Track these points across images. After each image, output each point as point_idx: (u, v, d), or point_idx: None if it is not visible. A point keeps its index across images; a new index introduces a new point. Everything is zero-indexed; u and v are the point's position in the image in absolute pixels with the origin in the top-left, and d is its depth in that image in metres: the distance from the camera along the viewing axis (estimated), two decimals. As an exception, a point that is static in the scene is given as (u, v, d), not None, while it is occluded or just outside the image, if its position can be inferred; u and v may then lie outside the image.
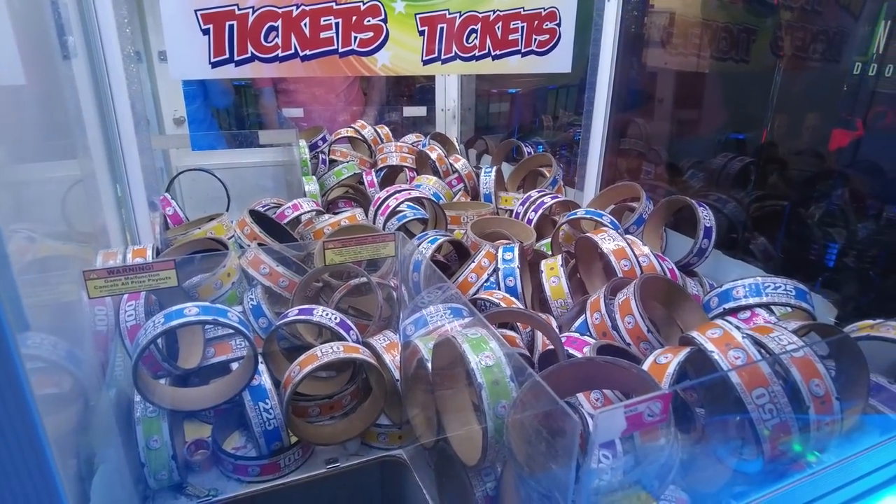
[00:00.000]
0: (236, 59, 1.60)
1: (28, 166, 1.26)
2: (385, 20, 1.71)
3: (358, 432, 1.38)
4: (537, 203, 2.08)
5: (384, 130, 2.82)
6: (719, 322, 1.02)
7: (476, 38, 1.84)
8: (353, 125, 2.77)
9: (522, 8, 1.87)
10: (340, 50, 1.69)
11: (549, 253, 1.95)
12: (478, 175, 2.43)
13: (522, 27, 1.89)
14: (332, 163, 2.63)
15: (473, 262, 1.70)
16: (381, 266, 1.70)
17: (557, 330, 1.58)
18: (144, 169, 1.64)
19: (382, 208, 1.92)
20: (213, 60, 1.59)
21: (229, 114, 3.84)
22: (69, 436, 1.06)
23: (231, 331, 1.24)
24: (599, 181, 2.18)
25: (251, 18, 1.58)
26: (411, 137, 2.89)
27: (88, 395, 1.05)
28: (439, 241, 1.77)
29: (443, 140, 2.89)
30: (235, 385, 1.28)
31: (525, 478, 0.88)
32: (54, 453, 0.63)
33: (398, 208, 1.98)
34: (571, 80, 3.87)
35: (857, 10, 2.59)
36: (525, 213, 2.10)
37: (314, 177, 2.38)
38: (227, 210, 2.24)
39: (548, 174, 2.39)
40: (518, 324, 1.53)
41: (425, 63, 1.80)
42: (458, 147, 2.89)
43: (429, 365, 1.14)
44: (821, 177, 2.60)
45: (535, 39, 1.93)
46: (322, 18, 1.65)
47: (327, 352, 1.28)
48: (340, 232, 1.82)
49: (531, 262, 1.81)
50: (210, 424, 1.43)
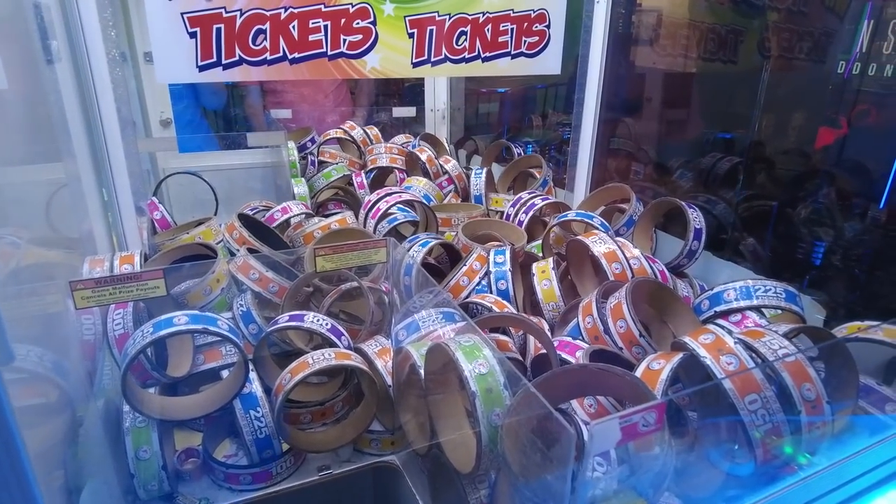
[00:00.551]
0: (224, 62, 1.59)
1: (10, 170, 1.24)
2: (374, 23, 1.69)
3: (350, 439, 1.37)
4: (528, 205, 2.08)
5: (373, 131, 2.80)
6: (711, 327, 1.02)
7: (466, 40, 1.83)
8: (342, 126, 2.75)
9: (512, 10, 1.86)
10: (329, 53, 1.68)
11: (541, 255, 1.94)
12: (468, 176, 2.42)
13: (512, 29, 1.88)
14: (322, 164, 2.61)
15: (465, 265, 1.69)
16: (371, 270, 1.69)
17: (549, 333, 1.58)
18: (131, 173, 1.62)
19: (373, 211, 1.91)
20: (200, 64, 1.57)
21: (217, 115, 3.80)
22: (55, 447, 1.04)
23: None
24: (589, 182, 2.18)
25: (239, 21, 1.57)
26: (401, 138, 2.87)
27: (76, 406, 1.04)
28: (430, 245, 1.76)
29: (433, 141, 2.88)
30: (226, 393, 1.27)
31: (520, 486, 0.87)
32: (36, 466, 0.62)
33: (389, 211, 1.97)
34: (560, 80, 3.86)
35: (841, 10, 2.61)
36: (516, 214, 2.09)
37: (303, 179, 2.36)
38: (216, 213, 2.21)
39: (538, 175, 2.38)
40: (510, 328, 1.53)
41: (415, 65, 1.79)
42: (447, 148, 2.88)
43: (421, 371, 1.14)
44: (807, 176, 2.62)
45: (525, 41, 1.92)
46: (311, 21, 1.63)
47: (319, 359, 1.26)
48: (330, 236, 1.81)
49: (522, 265, 1.81)
50: (200, 432, 1.41)
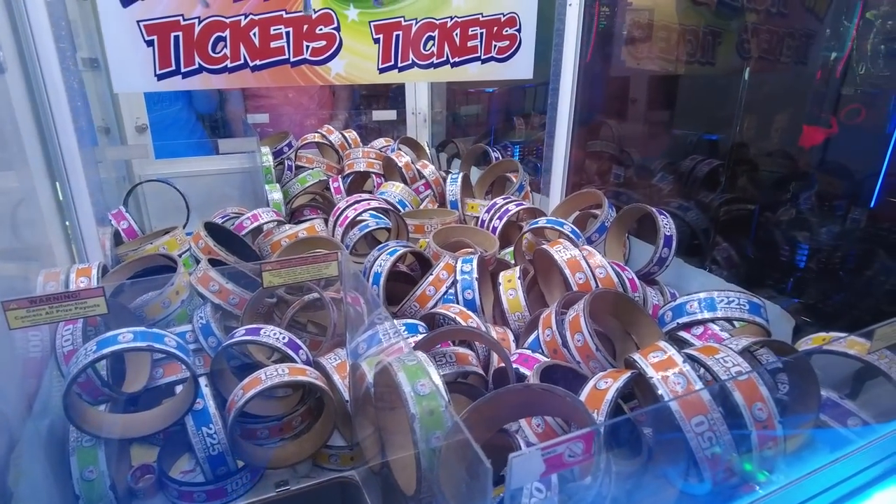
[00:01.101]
0: (183, 70, 1.56)
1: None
2: (338, 28, 1.67)
3: (308, 455, 1.34)
4: (502, 210, 2.05)
5: (352, 135, 2.77)
6: (662, 344, 1.00)
7: (434, 45, 1.80)
8: (319, 130, 2.72)
9: (481, 14, 1.83)
10: (292, 59, 1.65)
11: (514, 262, 1.92)
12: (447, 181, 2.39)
13: (482, 33, 1.85)
14: (299, 169, 2.58)
15: (432, 274, 1.67)
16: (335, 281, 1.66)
17: (515, 343, 1.55)
18: (91, 183, 1.59)
19: (341, 219, 1.88)
20: (158, 73, 1.54)
21: (203, 120, 3.77)
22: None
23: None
24: (565, 186, 2.16)
25: (197, 29, 1.54)
26: (381, 142, 2.84)
27: (13, 428, 1.01)
28: (399, 253, 1.74)
29: (413, 144, 2.85)
30: (176, 410, 1.24)
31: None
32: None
33: (358, 218, 1.94)
34: (548, 79, 3.82)
35: (821, 11, 2.59)
36: (490, 220, 2.07)
37: (277, 185, 2.33)
38: (188, 221, 2.19)
39: (515, 180, 2.36)
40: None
41: (381, 71, 1.76)
42: (428, 152, 2.85)
43: (372, 389, 1.11)
44: (791, 177, 2.59)
45: (495, 46, 1.89)
46: (272, 28, 1.60)
47: (272, 374, 1.24)
48: (296, 245, 1.78)
49: (494, 272, 1.78)
50: (159, 447, 1.39)
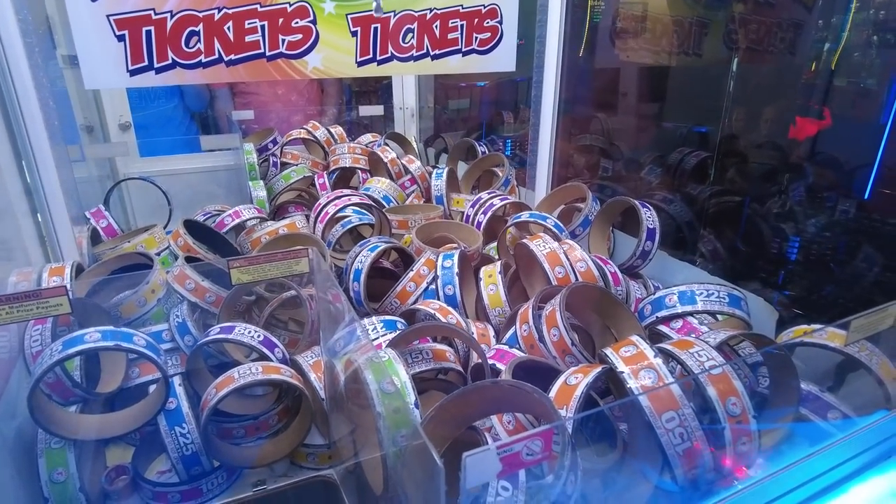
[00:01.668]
0: (156, 66, 1.54)
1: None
2: (314, 21, 1.64)
3: (285, 454, 1.33)
4: (486, 205, 2.03)
5: (338, 130, 2.75)
6: (634, 339, 0.98)
7: (413, 37, 1.78)
8: (305, 126, 2.70)
9: (461, 6, 1.81)
10: (268, 53, 1.63)
11: (497, 257, 1.90)
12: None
13: (462, 25, 1.83)
14: (284, 166, 2.56)
15: (412, 270, 1.65)
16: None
17: (495, 339, 1.54)
18: (65, 182, 1.57)
19: (322, 215, 1.86)
20: (131, 68, 1.52)
21: (193, 117, 3.75)
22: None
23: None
24: (550, 180, 2.14)
25: (170, 23, 1.51)
26: (367, 137, 2.82)
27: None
28: (380, 249, 1.72)
29: (400, 139, 2.83)
30: (148, 410, 1.22)
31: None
32: None
33: (340, 214, 1.92)
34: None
35: (810, 1, 2.56)
36: (475, 215, 2.05)
37: (262, 182, 2.31)
38: (170, 219, 2.17)
39: (501, 174, 2.33)
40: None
41: (360, 65, 1.74)
42: (415, 147, 2.83)
43: (343, 388, 1.10)
44: (781, 169, 2.57)
45: (476, 38, 1.87)
46: (246, 21, 1.58)
47: (245, 373, 1.22)
48: (277, 241, 1.76)
49: (477, 267, 1.76)
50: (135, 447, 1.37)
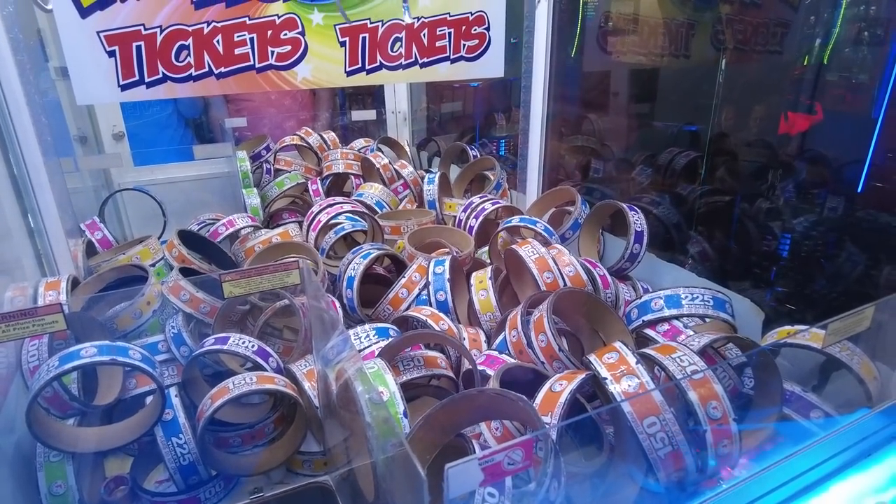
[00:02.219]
0: (147, 80, 1.55)
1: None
2: (303, 33, 1.66)
3: (281, 461, 1.35)
4: (478, 209, 2.05)
5: (331, 136, 2.77)
6: (617, 345, 1.00)
7: (401, 46, 1.80)
8: (297, 132, 2.72)
9: (448, 13, 1.83)
10: (257, 65, 1.64)
11: (489, 262, 1.92)
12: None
13: (450, 33, 1.85)
14: (278, 172, 2.58)
15: (404, 276, 1.67)
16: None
17: (486, 344, 1.56)
18: (59, 195, 1.59)
19: (314, 223, 1.88)
20: (122, 83, 1.53)
21: (187, 124, 3.76)
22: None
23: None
24: (541, 183, 2.16)
25: (160, 38, 1.53)
26: (360, 142, 2.83)
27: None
28: (372, 256, 1.74)
29: (392, 144, 2.85)
30: (145, 422, 1.25)
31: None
32: None
33: (333, 221, 1.94)
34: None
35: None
36: (467, 220, 2.07)
37: (255, 189, 2.33)
38: (164, 229, 2.18)
39: (493, 178, 2.35)
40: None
41: (349, 74, 1.75)
42: (408, 151, 2.85)
43: (335, 397, 1.12)
44: (771, 166, 2.59)
45: (464, 45, 1.89)
46: (235, 34, 1.60)
47: (239, 383, 1.24)
48: (271, 250, 1.78)
49: (470, 271, 1.78)
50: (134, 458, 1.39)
